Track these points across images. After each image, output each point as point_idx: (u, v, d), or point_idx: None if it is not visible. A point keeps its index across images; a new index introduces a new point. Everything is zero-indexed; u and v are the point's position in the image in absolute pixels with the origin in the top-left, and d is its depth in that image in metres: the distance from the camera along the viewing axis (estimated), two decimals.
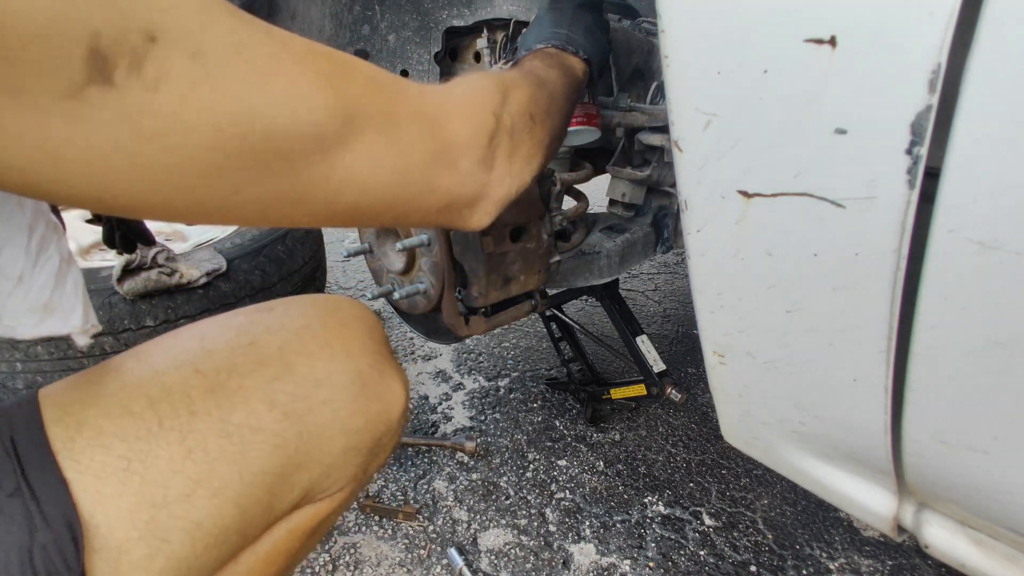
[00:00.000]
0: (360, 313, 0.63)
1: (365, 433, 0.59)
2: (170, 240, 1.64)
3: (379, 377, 0.60)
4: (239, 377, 0.53)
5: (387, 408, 0.61)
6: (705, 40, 0.49)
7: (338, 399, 0.56)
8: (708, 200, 0.55)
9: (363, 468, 0.61)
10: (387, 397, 0.61)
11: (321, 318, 0.60)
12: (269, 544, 0.56)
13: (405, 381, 0.64)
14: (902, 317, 0.48)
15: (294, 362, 0.55)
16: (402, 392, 0.63)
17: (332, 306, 0.62)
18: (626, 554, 1.05)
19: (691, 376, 1.59)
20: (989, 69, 0.38)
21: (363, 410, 0.58)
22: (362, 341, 0.61)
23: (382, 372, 0.61)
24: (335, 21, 1.28)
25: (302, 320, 0.59)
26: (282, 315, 0.59)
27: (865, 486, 0.63)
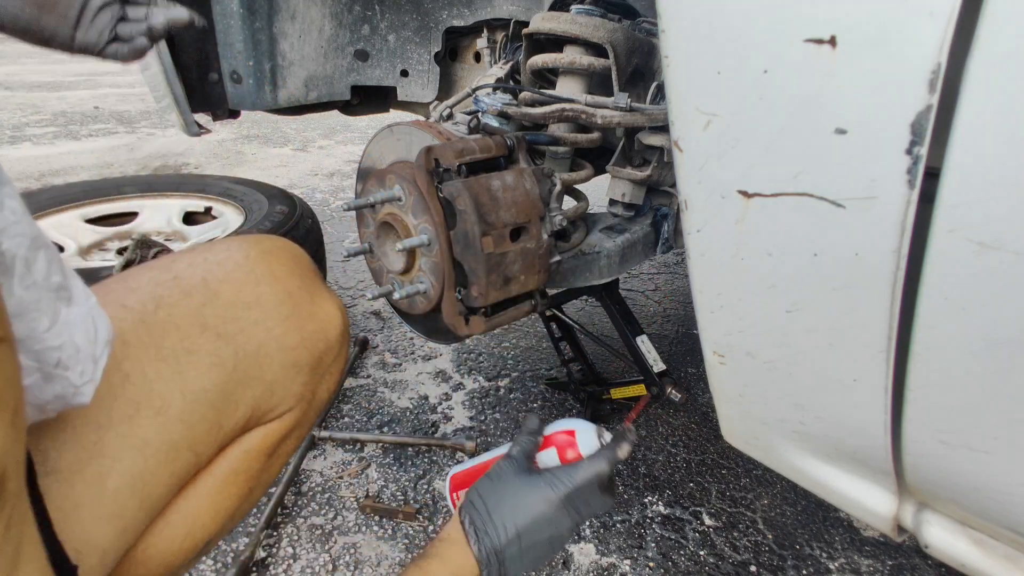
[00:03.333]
0: (283, 244, 0.66)
1: (302, 350, 0.60)
2: (170, 240, 1.64)
3: (309, 298, 0.62)
4: (167, 307, 0.54)
5: (323, 327, 0.63)
6: (705, 40, 0.49)
7: (270, 319, 0.58)
8: (708, 200, 0.55)
9: (309, 388, 0.62)
10: (320, 316, 0.63)
11: (243, 249, 0.62)
12: (225, 465, 0.58)
13: (338, 303, 0.66)
14: (902, 317, 0.48)
15: (220, 289, 0.57)
16: (336, 312, 0.64)
17: (253, 239, 0.64)
18: (626, 554, 1.05)
19: (691, 376, 1.59)
20: (989, 69, 0.38)
21: (297, 328, 0.60)
22: (288, 267, 0.63)
23: (312, 294, 0.63)
24: (335, 21, 1.28)
25: (224, 253, 0.61)
26: (203, 251, 0.61)
27: (865, 486, 0.63)
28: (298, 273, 0.63)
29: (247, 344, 0.57)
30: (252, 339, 0.57)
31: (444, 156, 0.80)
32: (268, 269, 0.61)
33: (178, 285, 0.57)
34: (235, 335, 0.56)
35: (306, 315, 0.61)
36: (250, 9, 1.17)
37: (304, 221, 1.59)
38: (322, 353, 0.63)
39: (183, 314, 0.55)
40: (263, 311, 0.59)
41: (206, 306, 0.56)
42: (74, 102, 4.74)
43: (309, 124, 4.24)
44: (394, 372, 1.53)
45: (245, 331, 0.57)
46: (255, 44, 1.20)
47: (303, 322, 0.61)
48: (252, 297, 0.59)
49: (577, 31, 0.89)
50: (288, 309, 0.60)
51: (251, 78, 1.23)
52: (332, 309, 0.64)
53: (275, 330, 0.59)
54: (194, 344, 0.54)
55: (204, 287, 0.57)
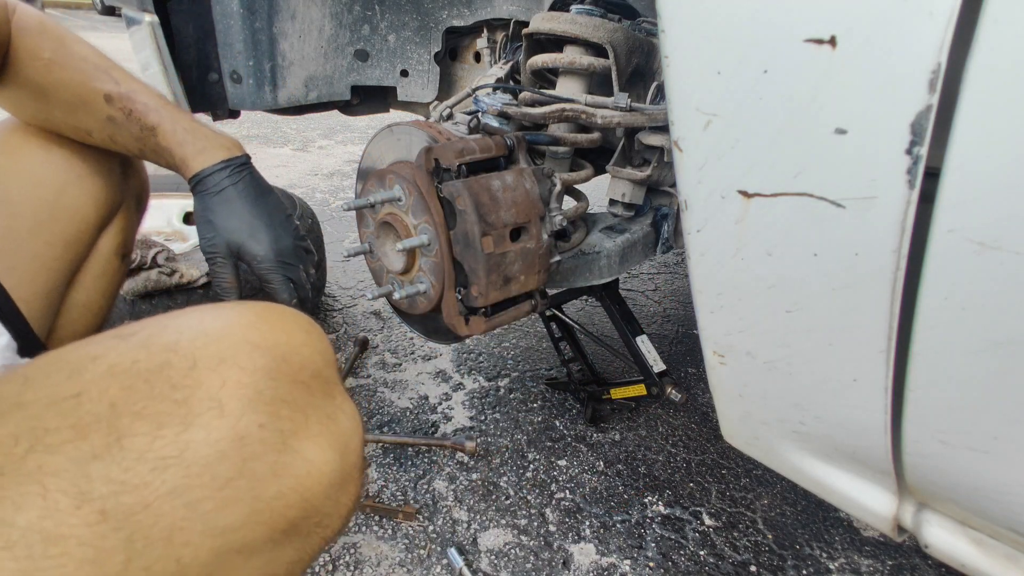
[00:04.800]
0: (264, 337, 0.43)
1: (252, 527, 0.40)
2: (170, 240, 1.64)
3: (279, 442, 0.41)
4: (42, 451, 0.35)
5: (295, 486, 0.42)
6: (705, 40, 0.49)
7: (196, 487, 0.38)
8: (708, 200, 0.55)
9: (277, 563, 0.44)
10: (294, 470, 0.42)
11: (192, 350, 0.41)
12: None
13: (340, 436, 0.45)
14: (902, 317, 0.48)
15: (129, 429, 0.37)
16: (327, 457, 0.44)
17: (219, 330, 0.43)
18: (626, 554, 1.05)
19: (691, 376, 1.59)
20: (989, 69, 0.38)
21: (245, 498, 0.40)
22: (253, 387, 0.41)
23: (286, 432, 0.42)
24: (335, 21, 1.28)
25: (163, 355, 0.40)
26: (139, 346, 0.41)
27: (865, 486, 0.63)
28: (271, 397, 0.42)
29: (152, 528, 0.36)
30: (162, 520, 0.37)
31: (444, 156, 0.80)
32: (215, 396, 0.40)
33: (76, 411, 0.37)
34: (133, 513, 0.36)
35: (265, 472, 0.40)
36: (250, 9, 1.17)
37: (304, 221, 1.59)
38: (298, 520, 0.43)
39: (61, 469, 0.35)
40: (187, 474, 0.37)
41: (98, 459, 0.36)
42: None
43: (309, 124, 4.24)
44: (394, 372, 1.53)
45: (151, 506, 0.36)
46: (255, 44, 1.20)
47: (258, 486, 0.40)
48: (174, 449, 0.38)
49: (577, 31, 0.89)
50: (232, 468, 0.39)
51: (251, 78, 1.23)
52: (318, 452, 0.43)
53: (204, 504, 0.38)
54: (62, 525, 0.34)
55: (108, 423, 0.37)
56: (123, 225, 0.85)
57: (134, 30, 1.12)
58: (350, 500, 0.48)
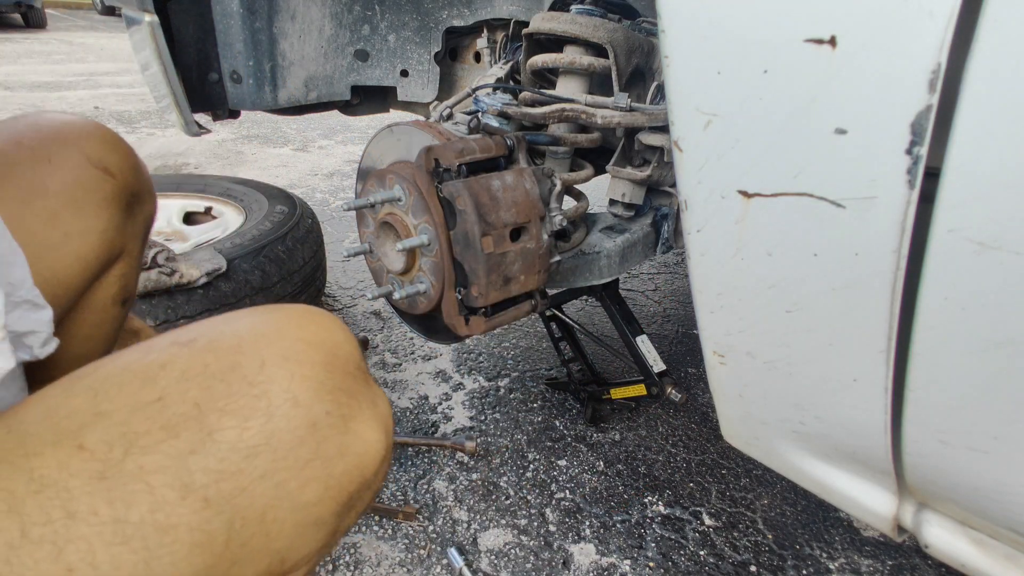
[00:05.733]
0: (315, 335, 0.49)
1: (326, 503, 0.46)
2: (170, 240, 1.64)
3: (342, 425, 0.47)
4: (139, 453, 0.39)
5: (358, 463, 0.48)
6: (705, 40, 0.49)
7: (282, 469, 0.43)
8: (708, 200, 0.55)
9: (330, 536, 0.50)
10: (355, 449, 0.48)
11: (257, 350, 0.46)
12: None
13: (383, 418, 0.51)
14: (902, 317, 0.48)
15: (218, 424, 0.42)
16: (378, 436, 0.50)
17: (274, 331, 0.48)
18: (626, 554, 1.05)
19: (691, 376, 1.59)
20: (989, 69, 0.38)
21: (320, 476, 0.45)
22: (316, 379, 0.46)
23: (346, 417, 0.47)
24: (335, 21, 1.28)
25: (231, 357, 0.45)
26: (205, 350, 0.45)
27: (865, 486, 0.63)
28: (332, 386, 0.47)
29: (248, 509, 0.42)
30: (256, 501, 0.42)
31: (444, 156, 0.80)
32: (288, 389, 0.45)
33: (162, 413, 0.41)
34: (232, 497, 0.41)
35: (335, 453, 0.46)
36: (250, 9, 1.17)
37: (304, 221, 1.59)
38: (352, 495, 0.49)
39: (161, 466, 0.39)
40: (274, 458, 0.43)
41: (195, 453, 0.40)
42: (74, 102, 4.74)
43: (309, 124, 4.24)
44: (394, 372, 1.53)
45: (247, 490, 0.41)
46: (255, 44, 1.20)
47: (329, 464, 0.46)
48: (261, 437, 0.43)
49: (577, 31, 0.89)
50: (309, 451, 0.44)
51: (251, 78, 1.23)
52: (372, 434, 0.49)
53: (289, 484, 0.43)
54: (171, 516, 0.39)
55: (198, 421, 0.41)
56: (123, 271, 0.73)
57: (134, 30, 1.12)
58: (384, 475, 0.54)
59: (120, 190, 0.70)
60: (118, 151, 0.71)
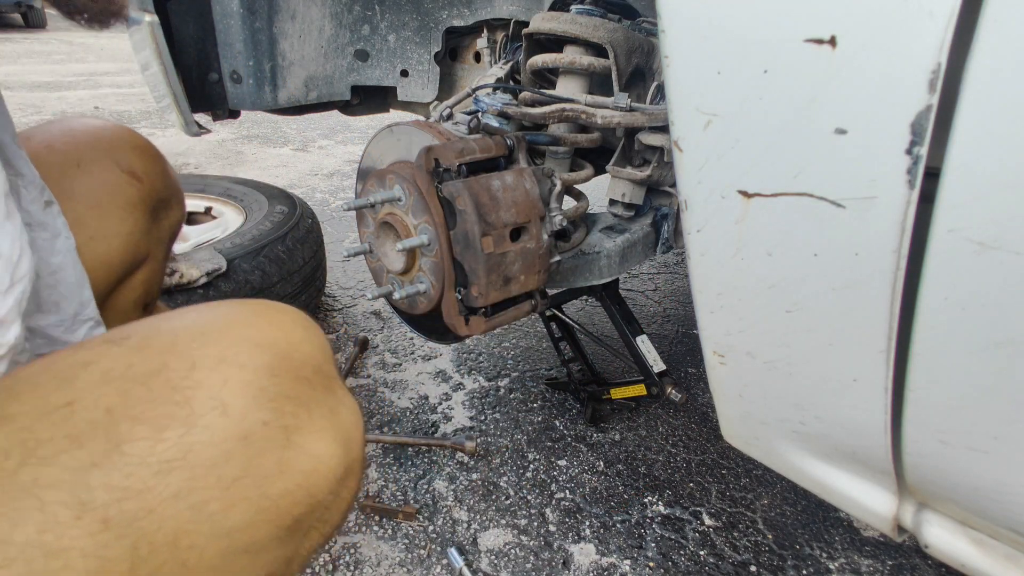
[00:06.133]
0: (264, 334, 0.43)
1: (260, 527, 0.40)
2: None
3: (283, 438, 0.40)
4: (36, 463, 0.34)
5: (302, 482, 0.41)
6: (705, 40, 0.49)
7: (201, 488, 0.37)
8: (708, 200, 0.55)
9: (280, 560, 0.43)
10: (299, 466, 0.41)
11: (190, 351, 0.40)
12: None
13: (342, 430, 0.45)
14: (902, 317, 0.48)
15: (129, 434, 0.36)
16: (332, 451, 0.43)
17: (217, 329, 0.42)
18: (626, 554, 1.05)
19: (691, 376, 1.59)
20: (989, 69, 0.38)
21: (251, 496, 0.39)
22: (256, 385, 0.40)
23: (290, 429, 0.41)
24: (335, 21, 1.28)
25: (159, 357, 0.39)
26: (134, 349, 0.40)
27: (865, 486, 0.63)
28: (274, 393, 0.41)
29: (156, 534, 0.36)
30: (166, 524, 0.36)
31: (444, 156, 0.80)
32: (217, 396, 0.39)
33: (69, 420, 0.36)
34: (136, 520, 0.35)
35: (272, 471, 0.40)
36: (250, 9, 1.17)
37: (304, 221, 1.59)
38: (301, 516, 0.42)
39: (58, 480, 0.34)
40: (191, 476, 0.37)
41: (98, 467, 0.35)
42: (74, 102, 4.73)
43: (309, 124, 4.24)
44: (394, 372, 1.53)
45: (155, 512, 0.36)
46: (255, 44, 1.20)
47: (264, 484, 0.39)
48: (177, 452, 0.37)
49: (577, 31, 0.89)
50: (238, 468, 0.38)
51: (251, 78, 1.23)
52: (322, 446, 0.43)
53: (209, 505, 0.37)
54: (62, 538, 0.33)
55: (106, 429, 0.36)
56: (147, 276, 0.71)
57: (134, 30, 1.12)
58: (350, 494, 0.47)
59: (147, 195, 0.69)
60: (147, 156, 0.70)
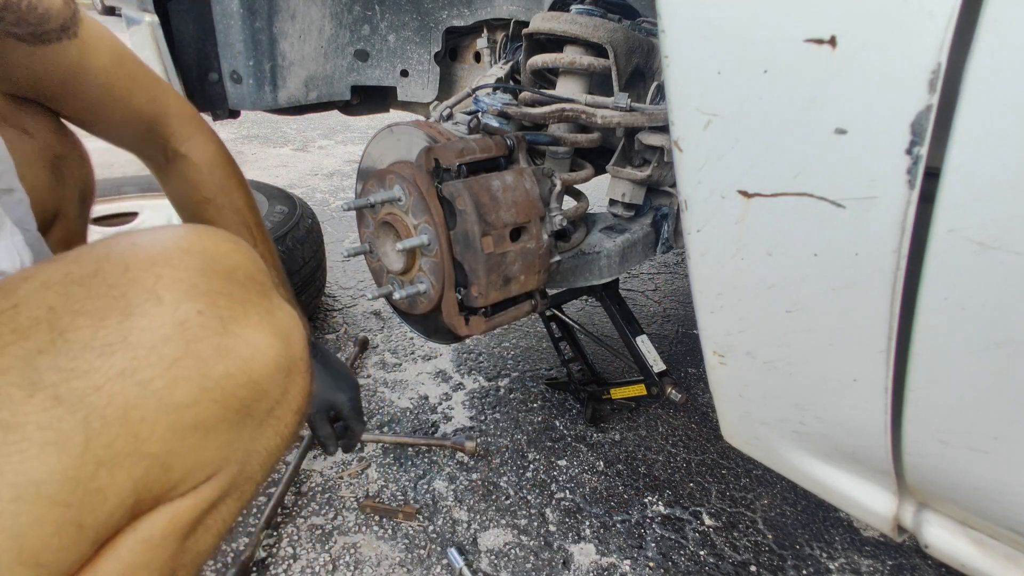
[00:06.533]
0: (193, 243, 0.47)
1: (206, 405, 0.44)
2: None
3: (219, 327, 0.45)
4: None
5: (242, 367, 0.45)
6: (705, 40, 0.49)
7: (144, 367, 0.41)
8: (708, 200, 0.55)
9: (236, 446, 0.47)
10: (239, 352, 0.45)
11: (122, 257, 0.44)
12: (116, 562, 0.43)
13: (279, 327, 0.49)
14: (902, 317, 0.48)
15: (71, 324, 0.40)
16: (269, 342, 0.47)
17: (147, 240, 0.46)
18: (626, 554, 1.05)
19: (691, 376, 1.59)
20: (989, 69, 0.38)
21: (193, 376, 0.43)
22: (187, 281, 0.44)
23: (225, 319, 0.45)
24: (335, 21, 1.28)
25: (94, 264, 0.43)
26: (70, 261, 0.44)
27: (865, 486, 0.63)
28: (205, 289, 0.45)
29: (106, 408, 0.40)
30: (115, 400, 0.40)
31: (444, 156, 0.80)
32: (151, 289, 0.43)
33: (15, 319, 0.39)
34: (85, 396, 0.39)
35: (211, 354, 0.44)
36: (250, 9, 1.17)
37: (304, 221, 1.59)
38: (249, 400, 0.46)
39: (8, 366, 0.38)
40: (134, 356, 0.41)
41: (44, 353, 0.39)
42: None
43: (309, 124, 4.24)
44: (394, 372, 1.53)
45: (102, 388, 0.40)
46: (255, 44, 1.20)
47: (204, 365, 0.43)
48: (117, 335, 0.41)
49: (577, 31, 0.89)
50: (177, 349, 0.42)
51: (251, 78, 1.23)
52: (260, 337, 0.47)
53: (154, 382, 0.41)
54: (17, 414, 0.37)
55: (49, 322, 0.40)
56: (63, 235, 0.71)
57: (134, 30, 1.12)
58: (300, 393, 0.52)
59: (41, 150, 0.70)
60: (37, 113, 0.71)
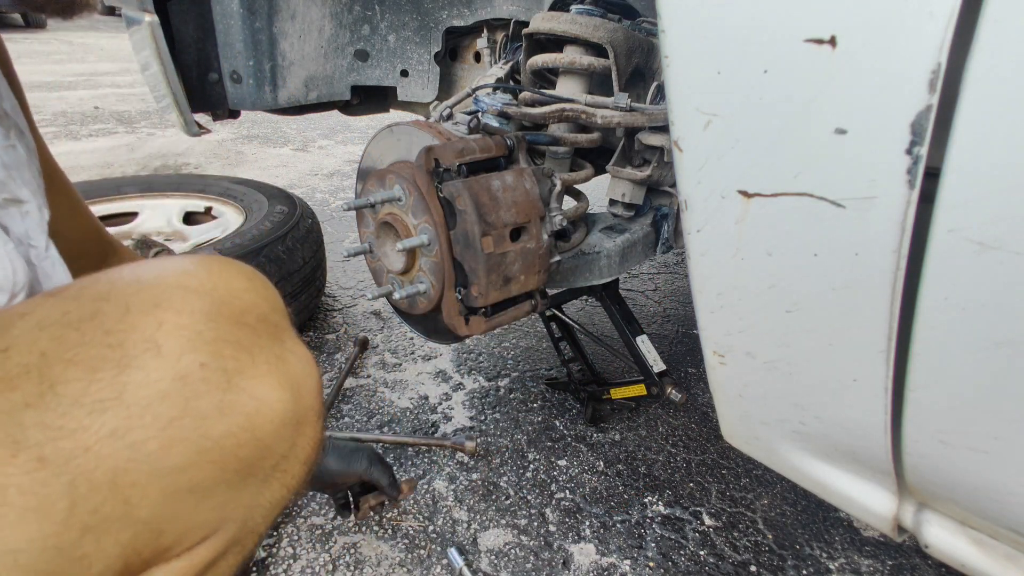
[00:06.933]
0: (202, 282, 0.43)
1: (203, 468, 0.40)
2: (170, 240, 1.65)
3: (223, 380, 0.41)
4: None
5: (245, 424, 0.42)
6: (705, 40, 0.49)
7: (137, 427, 0.38)
8: (708, 200, 0.55)
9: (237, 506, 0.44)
10: (242, 408, 0.41)
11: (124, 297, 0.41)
12: None
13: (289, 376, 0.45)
14: (902, 317, 0.48)
15: (63, 375, 0.37)
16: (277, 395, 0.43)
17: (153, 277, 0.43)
18: (626, 554, 1.05)
19: (691, 376, 1.59)
20: (989, 69, 0.38)
21: (191, 437, 0.39)
22: (191, 328, 0.40)
23: (230, 372, 0.41)
24: (335, 21, 1.28)
25: (93, 304, 0.40)
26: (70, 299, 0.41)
27: (865, 486, 0.63)
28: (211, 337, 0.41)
29: (94, 471, 0.36)
30: (104, 463, 0.37)
31: (444, 156, 0.80)
32: (151, 338, 0.39)
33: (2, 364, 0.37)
34: (72, 458, 0.36)
35: (212, 411, 0.40)
36: (250, 9, 1.17)
37: (304, 221, 1.59)
38: (251, 459, 0.43)
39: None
40: (127, 415, 0.37)
41: (31, 407, 0.36)
42: (74, 102, 4.73)
43: (309, 124, 4.24)
44: (394, 372, 1.53)
45: (91, 450, 0.36)
46: (255, 44, 1.20)
47: (204, 424, 0.40)
48: (111, 391, 0.37)
49: (577, 31, 0.89)
50: (174, 408, 0.39)
51: (251, 78, 1.23)
52: (267, 391, 0.43)
53: (148, 445, 0.38)
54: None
55: (40, 370, 0.37)
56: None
57: (134, 30, 1.12)
58: (309, 444, 0.47)
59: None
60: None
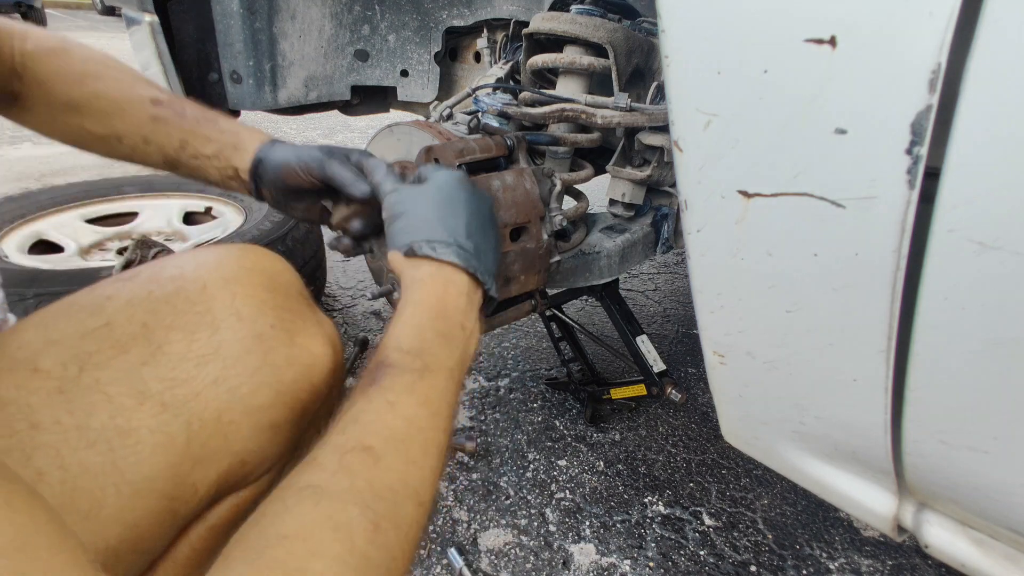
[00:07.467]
0: (255, 263, 0.53)
1: (279, 408, 0.50)
2: (170, 240, 1.64)
3: (287, 338, 0.51)
4: (94, 368, 0.43)
5: (305, 372, 0.52)
6: (705, 40, 0.49)
7: (233, 375, 0.47)
8: (708, 200, 0.55)
9: (291, 442, 0.53)
10: (303, 360, 0.52)
11: (198, 278, 0.50)
12: (187, 548, 0.49)
13: (327, 335, 0.56)
14: (902, 317, 0.48)
15: (166, 338, 0.46)
16: (325, 350, 0.54)
17: (214, 260, 0.52)
18: (626, 554, 1.05)
19: (691, 376, 1.58)
20: (989, 69, 0.38)
21: (271, 382, 0.49)
22: (258, 298, 0.51)
23: (291, 331, 0.52)
24: (335, 21, 1.28)
25: (173, 283, 0.49)
26: (147, 281, 0.49)
27: (865, 486, 0.63)
28: (273, 305, 0.52)
29: (204, 412, 0.46)
30: (210, 405, 0.46)
31: (444, 156, 0.80)
32: (231, 306, 0.49)
33: (111, 335, 0.45)
34: (187, 402, 0.45)
35: (282, 362, 0.50)
36: (250, 9, 1.17)
37: None
38: (307, 402, 0.53)
39: (116, 378, 0.43)
40: (224, 365, 0.47)
41: (147, 365, 0.45)
42: None
43: (309, 124, 4.24)
44: None
45: (200, 395, 0.46)
46: (255, 44, 1.20)
47: (278, 372, 0.50)
48: (209, 348, 0.47)
49: (577, 31, 0.89)
50: (257, 359, 0.49)
51: (251, 78, 1.23)
52: (317, 346, 0.54)
53: (241, 389, 0.48)
54: (131, 420, 0.42)
55: (145, 337, 0.45)
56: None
57: (134, 30, 1.12)
58: (337, 392, 0.59)
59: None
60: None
